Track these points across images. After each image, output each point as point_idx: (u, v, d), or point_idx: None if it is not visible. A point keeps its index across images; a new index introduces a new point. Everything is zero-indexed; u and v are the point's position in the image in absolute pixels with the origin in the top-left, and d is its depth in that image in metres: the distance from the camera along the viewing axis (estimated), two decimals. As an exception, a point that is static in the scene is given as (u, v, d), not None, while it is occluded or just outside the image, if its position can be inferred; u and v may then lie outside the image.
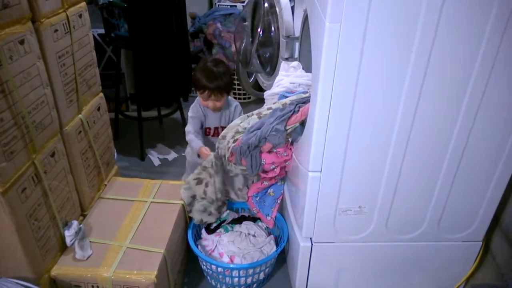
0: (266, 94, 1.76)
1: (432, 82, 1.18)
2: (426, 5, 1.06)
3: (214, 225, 1.78)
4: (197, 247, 1.66)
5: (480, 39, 1.12)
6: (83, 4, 1.54)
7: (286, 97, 1.63)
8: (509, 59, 1.15)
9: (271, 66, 2.06)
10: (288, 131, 1.54)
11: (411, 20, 1.09)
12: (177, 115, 2.71)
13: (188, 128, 1.82)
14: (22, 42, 1.15)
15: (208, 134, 1.90)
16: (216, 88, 1.73)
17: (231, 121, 1.78)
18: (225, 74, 1.75)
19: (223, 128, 1.78)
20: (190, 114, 1.84)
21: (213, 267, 1.60)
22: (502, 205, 1.47)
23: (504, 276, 1.49)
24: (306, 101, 1.51)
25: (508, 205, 1.49)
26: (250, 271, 1.60)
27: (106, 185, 1.76)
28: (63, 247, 1.40)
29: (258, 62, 2.15)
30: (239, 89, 3.23)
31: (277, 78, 1.75)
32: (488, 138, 1.29)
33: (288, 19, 1.83)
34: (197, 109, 1.84)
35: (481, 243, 1.53)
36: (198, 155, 1.80)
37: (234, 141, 1.60)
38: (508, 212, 1.49)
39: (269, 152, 1.60)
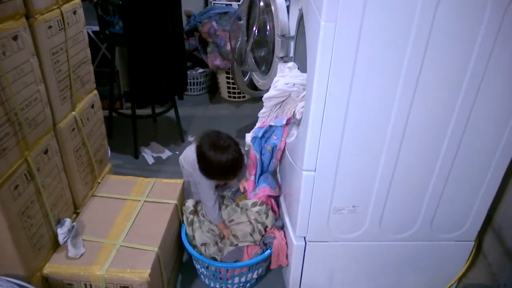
0: (264, 97, 1.75)
1: (427, 82, 1.18)
2: (422, 4, 1.07)
3: None
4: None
5: (475, 36, 1.12)
6: (78, 0, 1.52)
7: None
8: (504, 56, 1.15)
9: (266, 65, 2.05)
10: None
11: (407, 19, 1.09)
12: (171, 113, 2.69)
13: (212, 197, 1.66)
14: (15, 38, 1.14)
15: (217, 186, 1.75)
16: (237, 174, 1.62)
17: None
18: (235, 150, 1.55)
19: None
20: (211, 184, 1.65)
21: (207, 265, 1.60)
22: (494, 205, 1.48)
23: (495, 276, 1.50)
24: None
25: (500, 205, 1.50)
26: (244, 270, 1.60)
27: (99, 183, 1.75)
28: (56, 245, 1.39)
29: (253, 61, 2.14)
30: (233, 88, 3.23)
31: (274, 80, 1.74)
32: (481, 138, 1.30)
33: (284, 18, 1.83)
34: None
35: (473, 243, 1.54)
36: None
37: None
38: (501, 212, 1.50)
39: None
